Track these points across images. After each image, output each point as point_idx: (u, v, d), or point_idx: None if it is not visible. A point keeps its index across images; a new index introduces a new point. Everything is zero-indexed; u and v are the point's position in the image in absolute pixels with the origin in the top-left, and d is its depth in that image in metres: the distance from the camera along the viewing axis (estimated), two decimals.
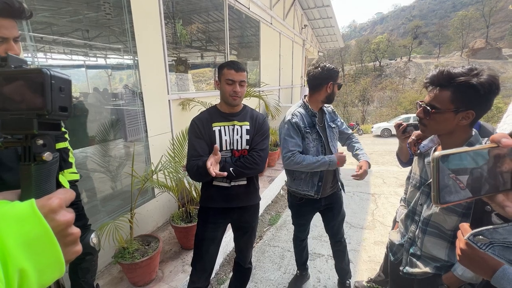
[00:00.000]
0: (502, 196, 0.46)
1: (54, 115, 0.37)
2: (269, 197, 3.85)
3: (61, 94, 0.37)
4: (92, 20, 3.71)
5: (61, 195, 0.36)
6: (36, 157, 0.37)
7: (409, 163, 1.48)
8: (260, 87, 4.87)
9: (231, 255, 2.61)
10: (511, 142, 0.44)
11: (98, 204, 2.36)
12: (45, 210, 0.33)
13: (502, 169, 0.46)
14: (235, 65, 1.41)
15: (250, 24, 5.14)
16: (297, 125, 1.65)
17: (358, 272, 2.39)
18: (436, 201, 0.47)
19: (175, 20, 4.14)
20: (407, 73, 47.08)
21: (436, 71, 0.93)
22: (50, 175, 0.39)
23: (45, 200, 0.34)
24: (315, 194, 1.75)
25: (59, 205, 0.35)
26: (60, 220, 0.34)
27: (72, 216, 0.37)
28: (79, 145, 2.50)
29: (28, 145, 0.37)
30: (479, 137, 0.95)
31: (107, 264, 2.12)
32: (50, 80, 0.35)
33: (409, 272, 1.12)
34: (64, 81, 0.38)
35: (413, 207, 1.13)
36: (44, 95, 0.35)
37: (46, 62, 4.65)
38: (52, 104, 0.36)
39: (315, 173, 1.73)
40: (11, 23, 0.89)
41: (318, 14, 8.14)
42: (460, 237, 0.58)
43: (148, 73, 2.44)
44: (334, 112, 1.87)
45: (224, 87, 1.42)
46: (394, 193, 4.32)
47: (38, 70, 0.35)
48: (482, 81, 0.82)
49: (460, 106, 0.87)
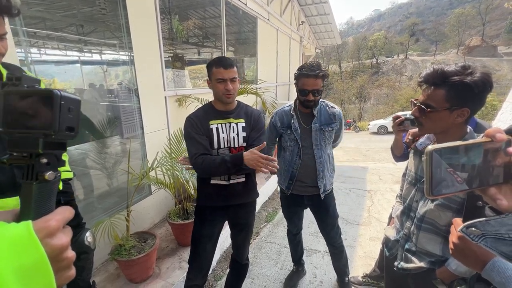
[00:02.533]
0: (494, 189, 0.47)
1: (61, 135, 0.37)
2: (266, 194, 3.87)
3: (69, 115, 0.38)
4: (86, 15, 3.66)
5: (59, 216, 0.36)
6: (38, 176, 0.37)
7: (403, 157, 1.50)
8: (257, 84, 4.85)
9: (228, 251, 2.62)
10: (505, 137, 0.45)
11: (94, 201, 2.35)
12: (42, 234, 0.32)
13: (495, 163, 0.47)
14: (223, 62, 1.38)
15: (247, 20, 5.11)
16: (273, 125, 1.81)
17: (354, 267, 2.42)
18: (429, 193, 0.47)
19: (172, 15, 4.10)
20: (404, 70, 47.28)
21: (430, 70, 0.94)
22: (51, 194, 0.39)
23: (42, 223, 0.33)
24: (286, 190, 1.85)
25: (57, 228, 0.34)
26: (56, 245, 0.33)
27: (68, 239, 0.36)
28: (75, 142, 2.47)
29: (32, 163, 0.37)
30: (474, 134, 0.97)
31: (103, 261, 2.11)
32: (60, 101, 0.36)
33: (403, 267, 1.13)
34: (73, 101, 0.38)
35: (408, 204, 1.14)
36: (52, 116, 0.36)
37: (40, 57, 4.58)
38: (59, 124, 0.36)
39: (287, 169, 1.79)
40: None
41: (316, 11, 8.10)
42: (453, 231, 0.59)
43: (144, 69, 2.42)
44: (334, 116, 1.73)
45: (216, 86, 1.40)
46: (390, 189, 4.36)
47: (49, 91, 0.36)
48: (476, 80, 0.84)
49: (455, 104, 0.88)
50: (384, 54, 56.36)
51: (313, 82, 1.56)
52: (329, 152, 1.79)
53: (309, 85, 1.57)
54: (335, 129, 1.75)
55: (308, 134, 1.71)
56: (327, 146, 1.75)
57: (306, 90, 1.58)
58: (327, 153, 1.77)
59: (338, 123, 1.76)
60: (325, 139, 1.72)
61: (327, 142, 1.74)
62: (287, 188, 1.84)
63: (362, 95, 41.20)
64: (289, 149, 1.78)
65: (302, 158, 1.74)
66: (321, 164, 1.73)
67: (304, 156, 1.74)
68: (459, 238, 0.57)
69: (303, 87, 1.59)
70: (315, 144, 1.71)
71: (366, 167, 5.99)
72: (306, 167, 1.75)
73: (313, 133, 1.70)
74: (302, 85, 1.60)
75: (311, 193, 1.80)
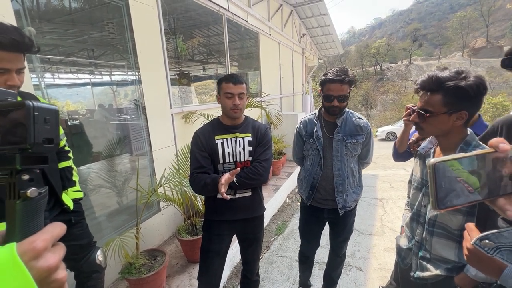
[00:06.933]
0: (503, 199, 0.46)
1: (38, 148, 0.35)
2: (275, 206, 3.82)
3: (46, 126, 0.36)
4: (96, 39, 3.84)
5: (46, 235, 0.33)
6: (20, 194, 0.35)
7: (403, 156, 1.50)
8: (262, 96, 4.91)
9: (238, 267, 2.57)
10: (508, 147, 0.45)
11: (104, 219, 2.37)
12: (27, 256, 0.30)
13: (502, 173, 0.46)
14: (233, 78, 1.43)
15: (249, 35, 5.25)
16: (299, 133, 1.79)
17: (369, 280, 2.33)
18: (435, 206, 0.47)
19: (176, 35, 4.26)
20: (409, 75, 46.96)
21: (425, 77, 0.97)
22: (37, 212, 0.36)
23: (27, 245, 0.31)
24: (306, 200, 1.79)
25: (43, 249, 0.32)
26: (43, 267, 0.31)
27: (58, 258, 0.33)
28: (85, 162, 2.54)
29: (13, 181, 0.35)
30: (474, 136, 0.98)
31: (114, 280, 2.11)
32: (33, 112, 0.34)
33: (420, 276, 1.10)
34: (49, 111, 0.36)
35: (417, 209, 1.13)
36: (26, 129, 0.34)
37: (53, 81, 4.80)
38: (35, 137, 0.34)
39: (307, 179, 1.76)
40: (18, 56, 0.93)
41: (316, 23, 8.26)
42: (467, 237, 0.58)
43: (151, 88, 2.50)
44: (361, 127, 1.62)
45: (224, 101, 1.43)
46: (402, 197, 4.23)
47: (20, 103, 0.34)
48: (470, 84, 0.87)
49: (453, 108, 0.92)
50: (387, 60, 56.34)
51: (339, 88, 1.50)
52: (352, 166, 1.67)
53: (334, 91, 1.51)
54: (361, 141, 1.63)
55: (330, 144, 1.64)
56: (349, 159, 1.64)
57: (331, 96, 1.52)
58: (350, 166, 1.65)
59: (365, 136, 1.63)
60: (347, 151, 1.62)
61: (349, 154, 1.63)
62: (307, 199, 1.78)
63: (368, 102, 40.96)
64: (310, 158, 1.73)
65: (323, 169, 1.68)
66: (339, 177, 1.64)
67: (326, 167, 1.67)
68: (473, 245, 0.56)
69: (328, 93, 1.53)
70: (335, 155, 1.63)
71: (376, 174, 5.87)
72: (327, 179, 1.68)
73: (334, 143, 1.62)
74: (327, 91, 1.53)
75: (331, 207, 1.72)
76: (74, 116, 4.05)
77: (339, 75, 1.50)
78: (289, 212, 3.85)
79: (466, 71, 0.91)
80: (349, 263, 2.56)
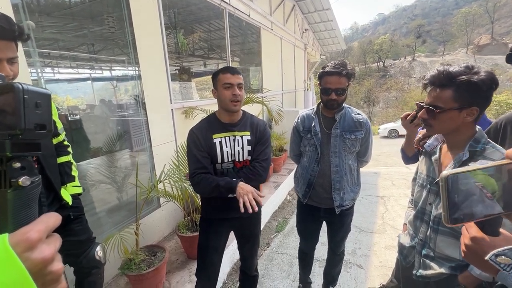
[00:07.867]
0: None
1: (30, 134, 0.33)
2: (276, 203, 3.81)
3: (37, 111, 0.33)
4: (96, 34, 3.81)
5: (40, 225, 0.32)
6: (12, 183, 0.33)
7: (413, 159, 1.45)
8: (263, 92, 4.87)
9: (238, 264, 2.57)
10: None
11: (104, 215, 2.37)
12: (21, 248, 0.29)
13: None
14: (230, 69, 1.38)
15: (250, 30, 5.19)
16: (296, 129, 1.76)
17: (370, 278, 2.32)
18: (447, 220, 0.45)
19: (177, 30, 4.22)
20: (412, 72, 46.59)
21: (435, 72, 0.94)
22: (30, 201, 0.35)
23: (20, 235, 0.30)
24: (303, 198, 1.76)
25: (37, 239, 0.30)
26: (37, 259, 0.30)
27: (53, 250, 0.32)
28: (85, 157, 2.53)
29: (4, 169, 0.33)
30: (483, 133, 0.96)
31: (114, 276, 2.11)
32: (23, 95, 0.32)
33: (422, 275, 1.09)
34: (41, 95, 0.34)
35: (421, 207, 1.11)
36: (15, 113, 0.31)
37: (53, 76, 4.78)
38: (25, 122, 0.32)
39: (304, 176, 1.72)
40: (7, 44, 0.90)
41: (319, 18, 8.17)
42: (465, 233, 0.56)
43: (151, 83, 2.47)
44: (360, 123, 1.60)
45: (223, 93, 1.37)
46: (404, 195, 4.21)
47: (9, 85, 0.32)
48: (483, 78, 0.85)
49: (464, 103, 0.89)
50: (390, 57, 55.85)
51: (337, 80, 1.47)
52: (351, 163, 1.64)
53: (332, 84, 1.47)
54: (359, 138, 1.60)
55: (328, 140, 1.61)
56: (348, 156, 1.62)
57: (329, 88, 1.48)
58: (348, 163, 1.62)
59: (364, 132, 1.60)
60: (345, 147, 1.59)
61: (348, 151, 1.60)
62: (304, 197, 1.74)
63: (370, 99, 40.72)
64: (307, 154, 1.69)
65: (321, 166, 1.64)
66: (337, 174, 1.61)
67: (323, 163, 1.63)
68: (471, 239, 0.54)
69: (325, 86, 1.50)
70: (333, 151, 1.60)
71: (377, 172, 5.84)
72: (324, 176, 1.64)
73: (332, 139, 1.59)
74: (324, 84, 1.50)
75: (328, 206, 1.68)
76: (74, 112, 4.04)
77: (337, 67, 1.47)
78: (290, 209, 3.85)
79: (476, 66, 0.88)
80: (349, 261, 2.55)
